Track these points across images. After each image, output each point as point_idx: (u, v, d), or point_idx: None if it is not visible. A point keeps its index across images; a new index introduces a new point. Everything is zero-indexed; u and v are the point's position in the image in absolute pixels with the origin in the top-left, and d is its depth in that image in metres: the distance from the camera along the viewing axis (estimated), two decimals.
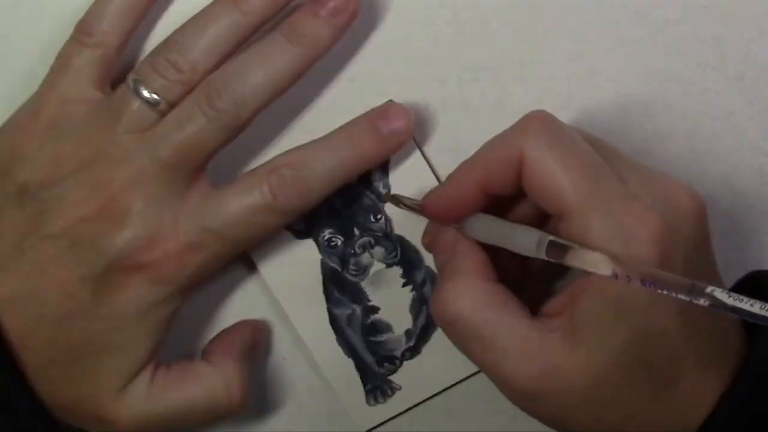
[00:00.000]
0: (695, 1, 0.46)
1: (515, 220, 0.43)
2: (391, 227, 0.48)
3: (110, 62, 0.45)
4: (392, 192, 0.47)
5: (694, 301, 0.35)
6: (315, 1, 0.45)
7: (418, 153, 0.47)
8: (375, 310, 0.48)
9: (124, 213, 0.43)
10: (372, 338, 0.49)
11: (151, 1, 0.46)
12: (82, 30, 0.45)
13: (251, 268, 0.48)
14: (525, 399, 0.40)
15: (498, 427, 0.50)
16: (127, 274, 0.43)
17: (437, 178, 0.47)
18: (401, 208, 0.46)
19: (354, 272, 0.48)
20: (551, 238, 0.39)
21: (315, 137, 0.47)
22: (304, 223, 0.48)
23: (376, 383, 0.49)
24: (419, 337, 0.49)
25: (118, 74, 0.46)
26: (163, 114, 0.44)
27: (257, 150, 0.48)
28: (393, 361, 0.49)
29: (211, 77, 0.44)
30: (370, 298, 0.48)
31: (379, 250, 0.48)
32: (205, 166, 0.44)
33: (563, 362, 0.39)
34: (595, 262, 0.37)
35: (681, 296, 0.35)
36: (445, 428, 0.50)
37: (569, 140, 0.40)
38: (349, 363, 0.49)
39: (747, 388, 0.39)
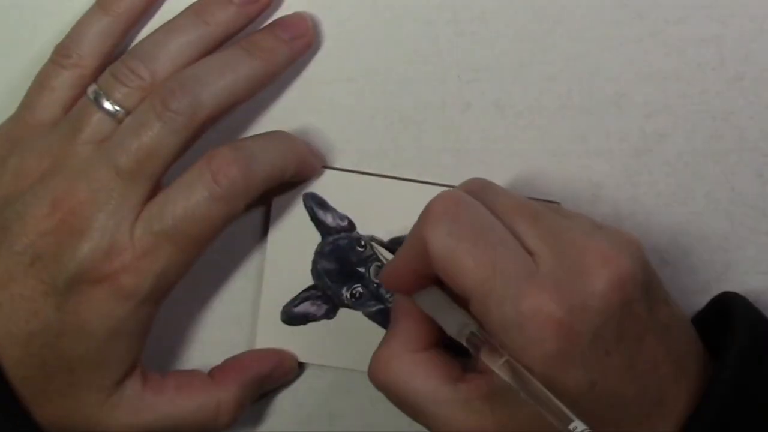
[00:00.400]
0: (695, 1, 0.46)
1: None
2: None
3: (85, 84, 0.45)
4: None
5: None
6: (276, 26, 0.46)
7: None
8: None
9: (83, 225, 0.43)
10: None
11: (128, 25, 0.46)
12: (60, 52, 0.45)
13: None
14: None
15: None
16: (90, 287, 0.43)
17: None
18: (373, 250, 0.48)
19: (355, 299, 0.48)
20: (471, 330, 0.40)
21: (315, 138, 0.47)
22: (329, 224, 0.48)
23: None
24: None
25: None
26: (121, 123, 0.44)
27: None
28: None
29: (167, 80, 0.44)
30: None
31: (374, 269, 0.48)
32: (164, 174, 0.44)
33: (484, 424, 0.40)
34: (493, 363, 0.39)
35: (551, 419, 0.37)
36: None
37: (469, 223, 0.40)
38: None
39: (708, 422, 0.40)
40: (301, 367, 0.50)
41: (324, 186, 0.48)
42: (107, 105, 0.44)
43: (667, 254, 0.48)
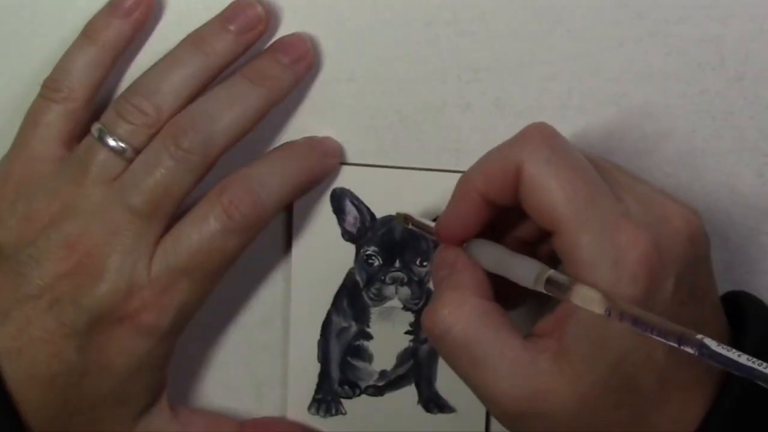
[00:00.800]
0: (695, 1, 0.46)
1: (520, 237, 0.43)
2: (428, 279, 0.48)
3: (78, 117, 0.45)
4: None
5: (684, 348, 0.35)
6: (276, 50, 0.46)
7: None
8: (368, 336, 0.49)
9: (100, 267, 0.43)
10: (350, 359, 0.49)
11: (116, 53, 0.46)
12: (50, 86, 0.45)
13: (287, 241, 0.49)
14: (513, 419, 0.40)
15: (498, 428, 0.50)
16: (110, 327, 0.43)
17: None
18: (412, 228, 0.46)
19: (372, 296, 0.48)
20: (550, 273, 0.39)
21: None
22: (357, 230, 0.48)
23: (327, 397, 0.49)
24: (390, 383, 0.49)
25: (87, 126, 0.46)
26: (130, 161, 0.44)
27: (257, 151, 0.48)
28: (354, 388, 0.49)
29: (177, 118, 0.44)
30: (371, 324, 0.48)
31: (405, 291, 0.48)
32: (177, 210, 0.44)
33: (551, 384, 0.39)
34: (590, 300, 0.37)
35: (670, 342, 0.35)
36: (456, 429, 0.50)
37: (567, 155, 0.40)
38: (316, 367, 0.49)
39: (727, 410, 0.39)
40: None
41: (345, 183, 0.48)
42: (112, 143, 0.44)
43: None
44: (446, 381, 0.48)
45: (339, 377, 0.49)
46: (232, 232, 0.44)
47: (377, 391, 0.49)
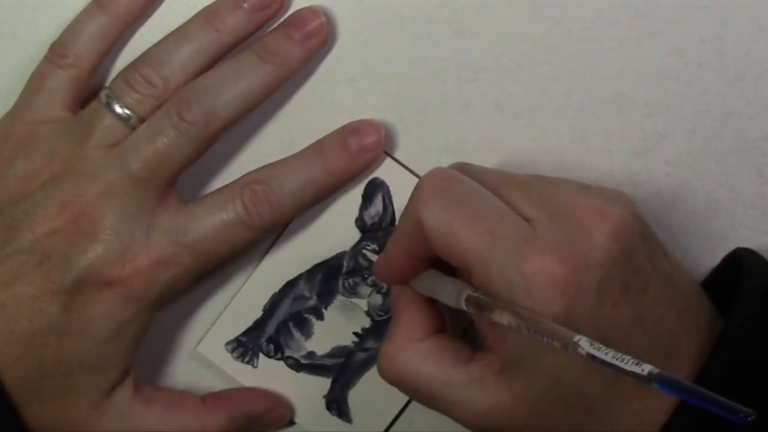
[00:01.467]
0: (695, 1, 0.46)
1: None
2: None
3: (83, 84, 0.46)
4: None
5: (571, 352, 0.35)
6: (289, 24, 0.45)
7: (392, 164, 0.48)
8: (320, 316, 0.49)
9: (95, 227, 0.43)
10: (291, 325, 0.49)
11: (125, 24, 0.46)
12: (57, 51, 0.45)
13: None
14: None
15: None
16: (98, 289, 0.43)
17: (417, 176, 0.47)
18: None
19: (348, 286, 0.48)
20: (469, 292, 0.40)
21: (315, 138, 0.47)
22: (371, 224, 0.48)
23: (249, 344, 0.49)
24: (311, 366, 0.49)
25: (91, 93, 0.46)
26: (134, 129, 0.44)
27: (257, 151, 0.48)
28: (277, 351, 0.49)
29: (182, 90, 0.44)
30: (329, 308, 0.48)
31: (377, 298, 0.48)
32: (176, 180, 0.44)
33: (501, 399, 0.40)
34: (496, 315, 0.38)
35: (556, 344, 0.36)
36: (445, 428, 0.50)
37: (461, 197, 0.40)
38: (257, 313, 0.49)
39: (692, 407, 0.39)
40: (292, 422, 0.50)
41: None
42: (119, 110, 0.44)
43: None
44: (359, 396, 0.49)
45: (271, 334, 0.49)
46: (246, 227, 0.44)
47: (296, 365, 0.49)
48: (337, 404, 0.49)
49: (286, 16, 0.47)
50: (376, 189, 0.48)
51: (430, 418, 0.50)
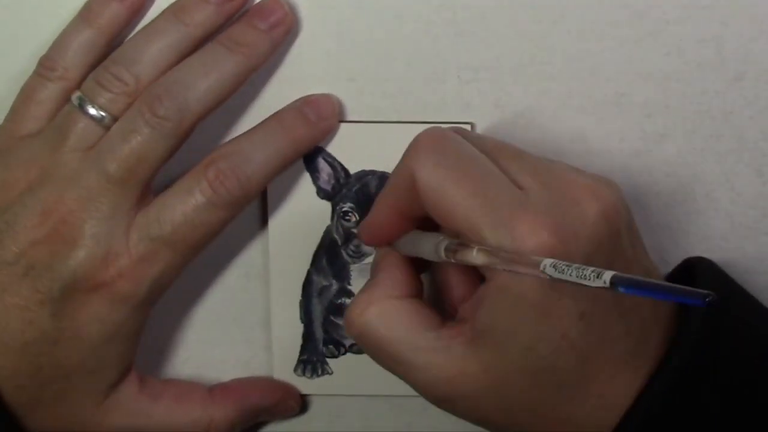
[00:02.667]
0: (695, 1, 0.46)
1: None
2: None
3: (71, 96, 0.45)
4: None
5: (541, 276, 0.36)
6: (254, 15, 0.45)
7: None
8: (349, 294, 0.49)
9: (76, 234, 0.43)
10: (332, 317, 0.49)
11: (111, 36, 0.46)
12: (45, 64, 0.45)
13: (263, 201, 0.48)
14: (438, 402, 0.42)
15: None
16: (85, 295, 0.43)
17: None
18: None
19: (351, 252, 0.48)
20: (446, 242, 0.40)
21: None
22: (331, 187, 0.48)
23: (313, 358, 0.49)
24: None
25: None
26: (108, 129, 0.44)
27: None
28: (338, 347, 0.49)
29: (153, 86, 0.44)
30: (352, 282, 0.48)
31: None
32: (153, 177, 0.44)
33: (466, 369, 0.40)
34: (473, 256, 0.38)
35: (530, 272, 0.36)
36: (445, 428, 0.50)
37: (457, 156, 0.40)
38: (299, 327, 0.49)
39: (663, 387, 0.40)
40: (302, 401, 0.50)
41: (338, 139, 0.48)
42: (92, 111, 0.44)
43: (667, 254, 0.48)
44: None
45: (323, 337, 0.49)
46: (216, 206, 0.44)
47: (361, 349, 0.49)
48: None
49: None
50: (314, 156, 0.48)
51: (431, 419, 0.50)
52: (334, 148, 0.47)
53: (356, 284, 0.48)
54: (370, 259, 0.48)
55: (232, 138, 0.46)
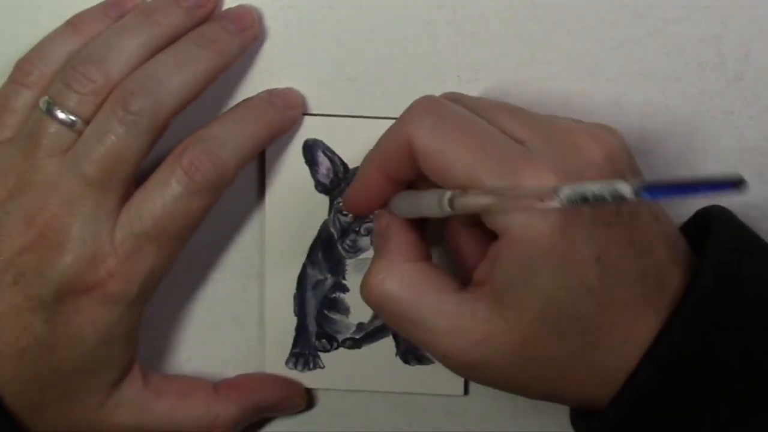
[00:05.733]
0: (695, 1, 0.46)
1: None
2: None
3: None
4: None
5: (551, 204, 0.35)
6: (223, 18, 0.46)
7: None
8: (344, 289, 0.49)
9: (62, 238, 0.42)
10: (326, 312, 0.49)
11: (90, 40, 0.45)
12: (23, 69, 0.45)
13: (260, 194, 0.48)
14: (465, 369, 0.41)
15: (498, 428, 0.50)
16: (77, 297, 0.43)
17: None
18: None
19: (347, 247, 0.48)
20: (448, 194, 0.39)
21: None
22: (330, 182, 0.48)
23: (305, 351, 0.49)
24: (367, 336, 0.49)
25: None
26: (80, 132, 0.43)
27: None
28: (331, 341, 0.49)
29: (124, 83, 0.43)
30: (347, 277, 0.48)
31: None
32: (133, 175, 0.44)
33: (492, 329, 0.39)
34: (474, 199, 0.38)
35: (544, 205, 0.36)
36: (445, 428, 0.50)
37: (453, 117, 0.40)
38: (292, 320, 0.49)
39: (681, 326, 0.39)
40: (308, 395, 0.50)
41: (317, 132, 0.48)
42: (62, 115, 0.43)
43: None
44: None
45: (316, 330, 0.49)
46: (194, 193, 0.43)
47: (355, 343, 0.49)
48: (411, 353, 0.49)
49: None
50: (313, 149, 0.48)
51: (431, 418, 0.50)
52: (333, 142, 0.48)
53: (351, 279, 0.48)
54: (366, 254, 0.48)
55: (203, 124, 0.45)
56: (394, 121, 0.45)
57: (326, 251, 0.48)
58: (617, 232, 0.39)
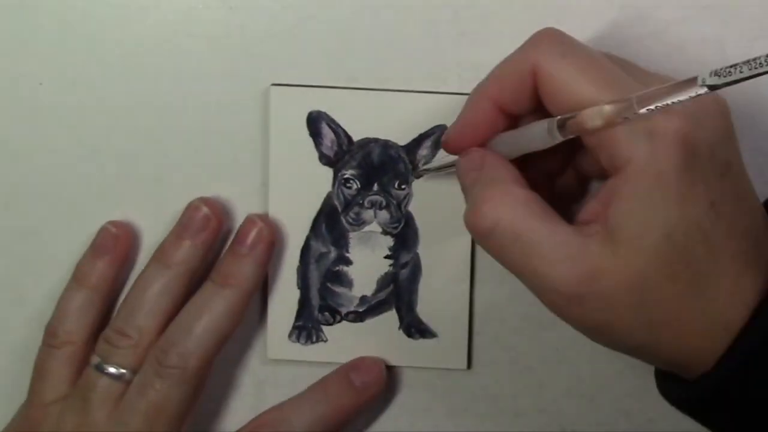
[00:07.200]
0: (696, 1, 0.46)
1: (544, 170, 0.44)
2: (407, 201, 0.48)
3: (81, 357, 0.48)
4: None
5: (696, 94, 0.35)
6: (234, 242, 0.48)
7: None
8: (347, 262, 0.49)
9: None
10: (329, 285, 0.49)
11: (106, 294, 0.49)
12: (49, 333, 0.49)
13: (264, 166, 0.49)
14: (571, 303, 0.39)
15: (498, 428, 0.50)
16: None
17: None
18: (431, 174, 0.47)
19: (351, 220, 0.48)
20: (558, 118, 0.39)
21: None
22: (334, 154, 0.48)
23: (308, 324, 0.49)
24: (370, 308, 0.49)
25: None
26: (128, 381, 0.47)
27: (259, 148, 0.48)
28: (334, 315, 0.49)
29: (160, 339, 0.47)
30: (350, 250, 0.49)
31: (384, 215, 0.48)
32: (179, 428, 0.47)
33: (606, 264, 0.38)
34: (591, 116, 0.38)
35: (679, 98, 0.36)
36: (445, 428, 0.50)
37: (581, 49, 0.40)
38: (295, 293, 0.49)
39: None
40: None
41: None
42: (110, 369, 0.47)
43: None
44: (427, 306, 0.49)
45: (319, 303, 0.49)
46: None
47: (358, 317, 0.49)
48: (414, 327, 0.49)
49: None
50: (317, 121, 0.48)
51: (432, 418, 0.50)
52: (338, 114, 0.48)
53: (354, 252, 0.49)
54: (369, 227, 0.48)
55: (278, 404, 0.49)
56: (399, 93, 0.45)
57: (330, 224, 0.48)
58: (729, 185, 0.39)
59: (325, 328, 0.49)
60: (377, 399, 0.49)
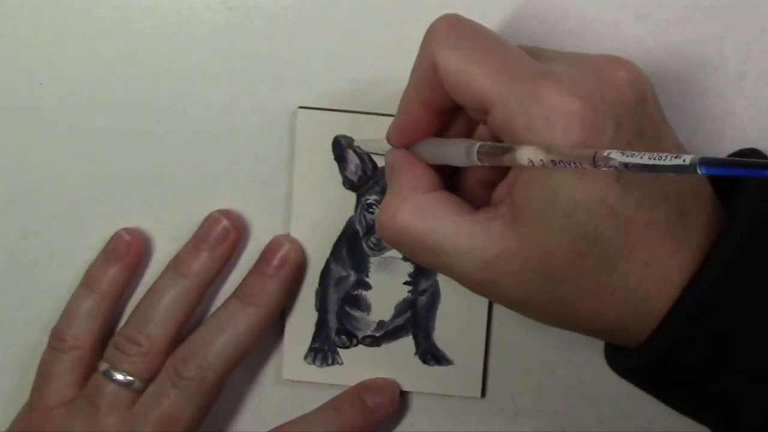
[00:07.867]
0: (696, 1, 0.46)
1: (479, 180, 0.44)
2: None
3: (87, 362, 0.48)
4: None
5: (602, 168, 0.35)
6: (260, 261, 0.48)
7: None
8: (366, 286, 0.49)
9: None
10: (347, 308, 0.49)
11: (114, 299, 0.49)
12: (56, 336, 0.49)
13: (287, 189, 0.49)
14: (485, 287, 0.41)
15: (497, 427, 0.50)
16: None
17: None
18: (365, 150, 0.47)
19: (372, 245, 0.48)
20: (478, 144, 0.39)
21: None
22: (358, 179, 0.48)
23: (324, 347, 0.49)
24: (387, 334, 0.49)
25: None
26: (137, 390, 0.47)
27: (260, 149, 0.48)
28: (351, 338, 0.49)
29: (178, 348, 0.47)
30: (370, 274, 0.49)
31: None
32: None
33: (512, 246, 0.39)
34: (511, 157, 0.38)
35: (587, 166, 0.35)
36: (445, 428, 0.50)
37: (475, 36, 0.40)
38: (313, 315, 0.49)
39: (733, 247, 0.38)
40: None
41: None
42: (118, 376, 0.47)
43: None
44: (444, 333, 0.49)
45: (336, 326, 0.49)
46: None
47: (374, 341, 0.49)
48: (430, 354, 0.49)
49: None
50: (343, 146, 0.48)
51: (433, 418, 0.50)
52: (359, 136, 0.48)
53: (374, 277, 0.49)
54: (390, 253, 0.48)
55: (289, 420, 0.49)
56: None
57: (351, 248, 0.48)
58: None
59: (341, 351, 0.49)
60: (389, 420, 0.49)
